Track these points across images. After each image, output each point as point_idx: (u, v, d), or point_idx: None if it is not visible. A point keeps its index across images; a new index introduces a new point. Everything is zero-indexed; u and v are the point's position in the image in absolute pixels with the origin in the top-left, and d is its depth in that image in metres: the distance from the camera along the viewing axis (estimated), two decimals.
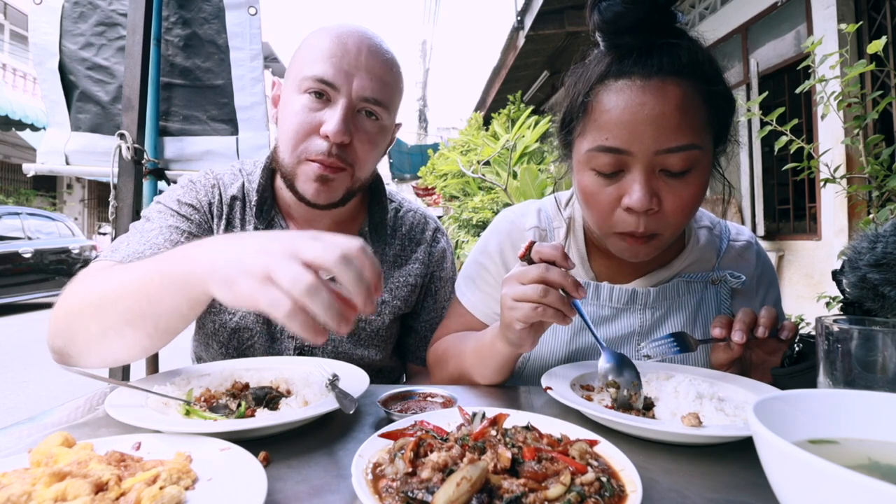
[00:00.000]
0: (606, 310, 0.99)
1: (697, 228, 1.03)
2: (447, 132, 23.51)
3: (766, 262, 1.06)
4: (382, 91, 0.99)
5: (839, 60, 2.04)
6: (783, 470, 0.41)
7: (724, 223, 1.08)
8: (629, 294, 0.98)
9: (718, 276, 0.99)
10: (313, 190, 0.98)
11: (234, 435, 0.61)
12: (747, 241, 1.05)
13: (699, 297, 0.99)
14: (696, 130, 0.79)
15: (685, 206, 0.82)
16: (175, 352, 1.22)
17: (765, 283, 1.04)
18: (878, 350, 0.59)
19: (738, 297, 1.00)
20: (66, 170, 2.05)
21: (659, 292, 0.98)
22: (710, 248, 1.02)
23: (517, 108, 6.99)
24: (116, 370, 1.80)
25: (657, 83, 0.78)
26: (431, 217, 1.29)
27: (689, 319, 0.98)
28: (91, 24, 1.99)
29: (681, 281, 0.99)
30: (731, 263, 1.02)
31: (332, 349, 1.12)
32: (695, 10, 5.96)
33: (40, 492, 0.46)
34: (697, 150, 0.79)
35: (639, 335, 0.98)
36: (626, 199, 0.80)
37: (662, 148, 0.78)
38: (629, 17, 0.78)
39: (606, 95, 0.81)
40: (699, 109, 0.80)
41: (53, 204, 16.69)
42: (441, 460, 0.48)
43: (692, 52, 0.81)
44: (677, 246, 1.01)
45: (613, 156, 0.80)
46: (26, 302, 8.34)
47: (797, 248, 4.75)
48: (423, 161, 9.35)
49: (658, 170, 0.80)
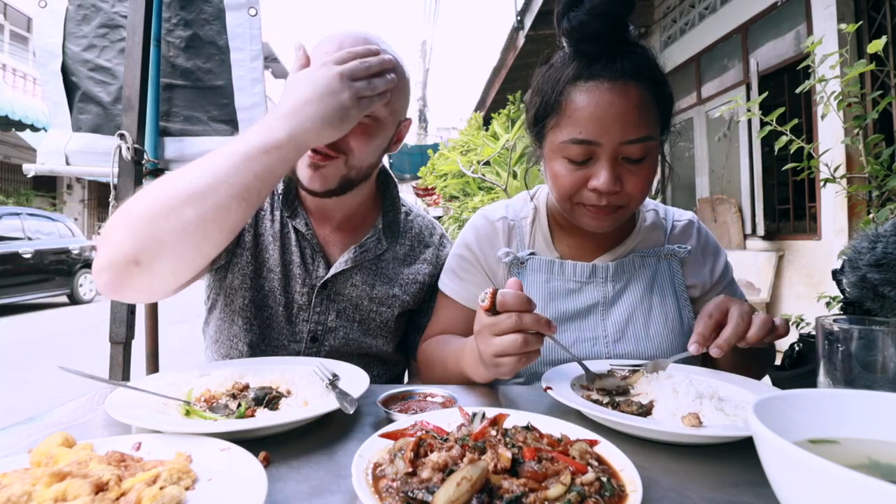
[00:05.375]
0: (571, 284, 1.11)
1: (645, 211, 1.20)
2: (447, 132, 23.51)
3: (708, 235, 1.22)
4: None
5: (839, 60, 2.04)
6: (783, 470, 0.41)
7: (669, 208, 1.24)
8: (591, 269, 1.10)
9: (668, 251, 1.14)
10: (308, 176, 1.03)
11: (234, 435, 0.61)
12: (689, 220, 1.21)
13: (653, 269, 1.13)
14: (651, 124, 0.94)
15: (642, 185, 0.97)
16: (176, 352, 1.23)
17: (710, 253, 1.18)
18: (878, 350, 0.59)
19: (688, 267, 1.15)
20: (66, 170, 2.05)
21: (617, 266, 1.10)
22: (658, 228, 1.18)
23: (517, 108, 6.98)
24: (116, 370, 1.80)
25: (621, 85, 0.91)
26: (438, 224, 1.37)
27: (647, 290, 1.10)
28: (94, 26, 2.00)
29: (636, 256, 1.12)
30: (677, 240, 1.17)
31: (344, 336, 1.15)
32: (695, 10, 5.96)
33: (40, 492, 0.46)
34: (652, 141, 0.95)
35: (602, 306, 1.09)
36: (594, 182, 0.94)
37: (626, 139, 0.92)
38: (593, 25, 0.91)
39: (578, 95, 0.94)
40: (652, 107, 0.95)
41: (53, 204, 16.68)
42: (441, 460, 0.48)
43: (646, 58, 0.95)
44: (629, 226, 1.16)
45: (585, 147, 0.94)
46: (26, 302, 8.34)
47: (797, 248, 4.75)
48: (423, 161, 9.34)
49: (620, 157, 0.94)
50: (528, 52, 7.32)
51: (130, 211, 0.78)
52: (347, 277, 1.14)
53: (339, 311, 1.14)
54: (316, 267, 1.13)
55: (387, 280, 1.18)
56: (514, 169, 4.51)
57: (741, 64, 5.29)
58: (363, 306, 1.16)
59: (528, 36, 6.89)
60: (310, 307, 1.12)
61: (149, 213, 0.76)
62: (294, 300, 1.12)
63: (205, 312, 1.24)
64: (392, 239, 1.21)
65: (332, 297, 1.14)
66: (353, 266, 1.14)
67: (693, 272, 1.14)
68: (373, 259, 1.17)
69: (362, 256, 1.15)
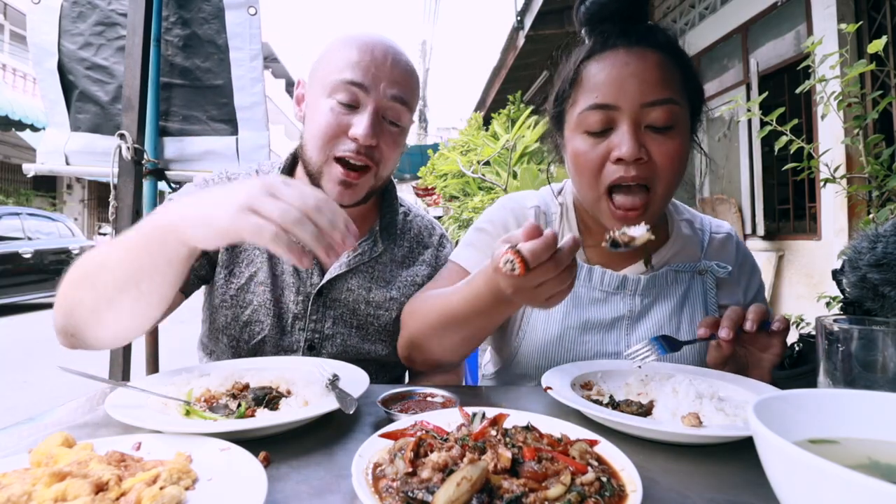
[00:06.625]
0: (597, 293, 1.03)
1: (679, 220, 1.09)
2: (447, 132, 23.50)
3: (746, 252, 1.13)
4: (406, 93, 1.05)
5: (839, 60, 2.04)
6: (783, 470, 0.41)
7: (704, 217, 1.14)
8: (620, 280, 1.02)
9: (705, 267, 1.04)
10: (337, 193, 1.03)
11: (234, 435, 0.61)
12: (727, 233, 1.12)
13: (686, 286, 1.04)
14: (674, 90, 0.88)
15: (671, 157, 0.88)
16: (175, 352, 1.23)
17: (746, 272, 1.10)
18: (878, 350, 0.59)
19: (723, 286, 1.06)
20: (66, 170, 2.05)
21: (649, 280, 1.02)
22: (694, 240, 1.08)
23: (517, 108, 6.97)
24: (116, 370, 1.80)
25: (638, 50, 0.88)
26: (438, 224, 1.35)
27: (676, 308, 1.02)
28: (90, 23, 1.99)
29: (670, 270, 1.04)
30: (715, 255, 1.08)
31: (342, 342, 1.13)
32: (695, 10, 5.95)
33: (40, 492, 0.46)
34: (677, 106, 0.87)
35: (628, 320, 1.02)
36: (616, 152, 0.86)
37: (647, 100, 0.86)
38: (612, 6, 0.90)
39: (594, 66, 0.90)
40: (675, 73, 0.89)
41: (53, 204, 16.68)
42: (441, 460, 0.48)
43: (666, 34, 0.92)
44: (663, 237, 1.07)
45: (603, 112, 0.88)
46: (26, 302, 8.33)
47: (797, 248, 4.75)
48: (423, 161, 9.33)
49: (643, 126, 0.87)
50: (528, 52, 7.32)
51: (63, 284, 0.84)
52: (343, 282, 1.12)
53: (335, 318, 1.12)
54: (310, 274, 1.11)
55: (384, 283, 1.16)
56: (515, 169, 4.50)
57: (741, 64, 5.29)
58: (360, 311, 1.13)
59: (528, 36, 6.88)
60: (306, 315, 1.10)
61: (67, 292, 0.82)
62: (288, 309, 1.10)
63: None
64: (389, 241, 1.19)
65: (329, 303, 1.12)
66: (349, 270, 1.12)
67: (728, 292, 1.06)
68: (369, 262, 1.15)
69: (357, 260, 1.13)
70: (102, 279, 0.77)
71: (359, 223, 1.18)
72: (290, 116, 21.14)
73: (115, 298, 0.77)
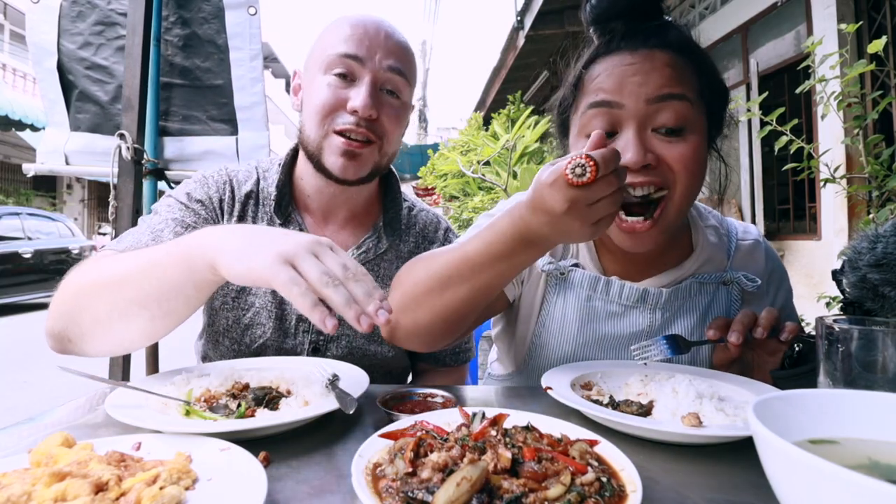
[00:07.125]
0: (615, 306, 0.96)
1: (705, 227, 1.01)
2: (447, 132, 23.50)
3: (776, 259, 1.05)
4: (403, 64, 1.03)
5: (839, 60, 2.04)
6: (783, 470, 0.41)
7: (729, 221, 1.06)
8: (640, 293, 0.95)
9: (732, 277, 0.97)
10: (340, 165, 1.00)
11: (234, 435, 0.61)
12: (755, 239, 1.04)
13: (710, 298, 0.97)
14: (686, 86, 0.81)
15: (684, 161, 0.81)
16: (176, 352, 1.22)
17: (775, 281, 1.03)
18: (878, 350, 0.59)
19: (751, 301, 0.98)
20: (66, 170, 2.05)
21: (671, 294, 0.95)
22: (720, 247, 1.00)
23: (517, 108, 6.98)
24: (116, 370, 1.80)
25: (644, 52, 0.82)
26: (443, 217, 1.32)
27: (699, 322, 0.96)
28: (89, 23, 1.99)
29: (693, 282, 0.96)
30: (742, 263, 1.00)
31: (347, 344, 1.12)
32: (695, 10, 5.95)
33: (40, 492, 0.46)
34: (688, 105, 0.80)
35: (647, 336, 0.95)
36: (623, 158, 0.77)
37: (652, 96, 0.79)
38: (621, 3, 0.84)
39: (598, 67, 0.85)
40: (688, 73, 0.82)
41: (53, 204, 16.68)
42: (441, 460, 0.48)
43: (680, 31, 0.85)
44: (687, 247, 0.99)
45: (606, 111, 0.82)
46: (26, 302, 8.33)
47: (797, 248, 4.75)
48: (423, 161, 9.32)
49: (651, 128, 0.81)
50: (528, 52, 7.32)
51: (66, 289, 0.82)
52: None
53: (341, 319, 1.11)
54: None
55: (389, 280, 1.14)
56: (515, 169, 4.50)
57: (741, 64, 5.29)
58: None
59: (528, 36, 6.89)
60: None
61: (73, 298, 0.80)
62: (292, 311, 1.08)
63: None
64: (394, 237, 1.17)
65: None
66: None
67: (755, 306, 0.94)
68: (374, 259, 1.14)
69: (362, 258, 1.12)
70: (123, 293, 0.75)
71: (361, 218, 1.17)
72: (290, 116, 21.14)
73: (132, 313, 0.75)
